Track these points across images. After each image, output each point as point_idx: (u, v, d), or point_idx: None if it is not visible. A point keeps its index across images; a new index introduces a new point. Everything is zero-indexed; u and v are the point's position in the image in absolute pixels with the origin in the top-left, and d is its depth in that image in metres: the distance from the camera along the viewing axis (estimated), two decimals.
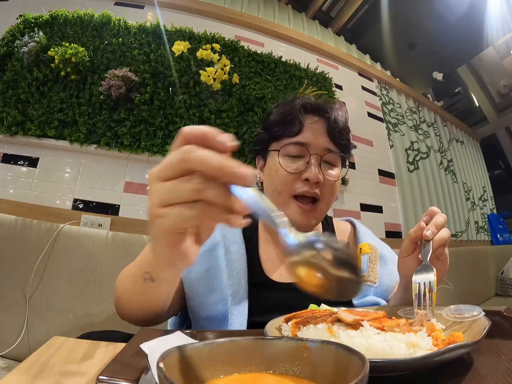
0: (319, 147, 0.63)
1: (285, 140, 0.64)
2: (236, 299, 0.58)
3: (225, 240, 0.64)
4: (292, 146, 0.63)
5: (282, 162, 0.63)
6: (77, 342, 0.39)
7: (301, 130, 0.64)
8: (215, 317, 0.59)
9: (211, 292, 0.59)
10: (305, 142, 0.63)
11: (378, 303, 0.62)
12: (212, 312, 0.59)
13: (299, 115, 0.65)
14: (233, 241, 0.65)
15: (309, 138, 0.63)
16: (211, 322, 0.59)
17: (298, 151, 0.63)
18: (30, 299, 1.07)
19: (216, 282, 0.60)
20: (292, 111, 0.65)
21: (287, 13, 2.35)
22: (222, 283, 0.59)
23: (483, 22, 2.50)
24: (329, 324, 0.35)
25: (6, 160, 1.30)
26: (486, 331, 0.31)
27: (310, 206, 0.62)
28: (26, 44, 1.37)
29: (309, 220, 0.63)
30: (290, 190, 0.62)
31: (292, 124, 0.64)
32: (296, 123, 0.64)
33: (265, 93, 1.59)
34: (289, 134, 0.64)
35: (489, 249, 2.69)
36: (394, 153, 2.26)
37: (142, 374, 0.27)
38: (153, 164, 1.40)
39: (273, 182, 0.64)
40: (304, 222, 0.62)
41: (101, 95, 1.34)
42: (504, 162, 3.54)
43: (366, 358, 0.20)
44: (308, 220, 0.62)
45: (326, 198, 0.63)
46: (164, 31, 1.56)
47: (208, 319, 0.59)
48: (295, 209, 0.62)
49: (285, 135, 0.65)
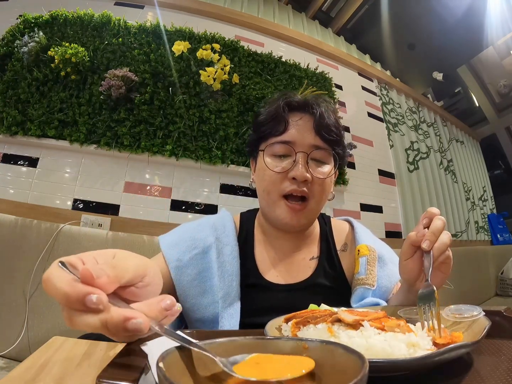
0: (305, 144, 0.62)
1: (272, 139, 0.64)
2: (227, 302, 0.58)
3: (217, 242, 0.63)
4: (277, 145, 0.62)
5: (269, 162, 0.62)
6: (77, 342, 0.39)
7: (286, 128, 0.63)
8: (206, 320, 0.59)
9: (202, 295, 0.59)
10: (290, 140, 0.62)
11: (378, 303, 0.61)
12: (203, 314, 0.59)
13: (283, 113, 0.63)
14: (227, 243, 0.64)
15: (294, 136, 0.62)
16: (202, 324, 0.60)
17: (284, 150, 0.62)
18: (30, 299, 1.07)
19: (208, 284, 0.60)
20: (277, 109, 0.64)
21: (287, 13, 2.35)
22: (213, 285, 0.59)
23: (483, 22, 2.50)
24: (329, 324, 0.35)
25: (6, 160, 1.30)
26: (486, 331, 0.31)
27: (299, 205, 0.61)
28: (26, 44, 1.37)
29: (299, 219, 0.62)
30: (279, 189, 0.61)
31: (277, 122, 0.63)
32: (281, 121, 0.63)
33: (265, 93, 1.59)
34: (275, 133, 0.63)
35: (489, 249, 2.69)
36: (394, 153, 2.26)
37: (142, 374, 0.27)
38: (153, 164, 1.41)
39: (262, 182, 0.63)
40: (294, 221, 0.61)
41: (101, 95, 1.34)
42: (504, 162, 3.54)
43: (365, 358, 0.20)
44: (298, 219, 0.61)
45: (316, 197, 0.62)
46: (164, 31, 1.56)
47: (199, 321, 0.60)
48: (284, 209, 0.61)
49: (271, 135, 0.64)
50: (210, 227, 0.66)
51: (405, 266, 0.50)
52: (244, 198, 1.53)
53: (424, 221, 0.47)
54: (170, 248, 0.63)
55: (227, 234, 0.66)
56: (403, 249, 0.50)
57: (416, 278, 0.49)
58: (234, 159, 1.48)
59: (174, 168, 1.45)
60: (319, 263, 0.67)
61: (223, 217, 0.70)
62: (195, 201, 1.45)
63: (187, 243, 0.63)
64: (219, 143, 1.46)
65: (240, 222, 0.72)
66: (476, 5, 2.36)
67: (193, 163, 1.43)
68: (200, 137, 1.45)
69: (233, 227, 0.68)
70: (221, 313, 0.57)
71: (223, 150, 1.46)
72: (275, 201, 0.62)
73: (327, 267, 0.68)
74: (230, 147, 1.47)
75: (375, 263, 0.65)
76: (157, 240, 1.19)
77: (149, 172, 1.42)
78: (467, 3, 2.35)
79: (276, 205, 0.62)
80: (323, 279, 0.66)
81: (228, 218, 0.70)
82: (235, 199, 1.52)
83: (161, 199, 1.41)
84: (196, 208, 1.45)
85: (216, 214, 0.73)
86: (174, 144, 1.39)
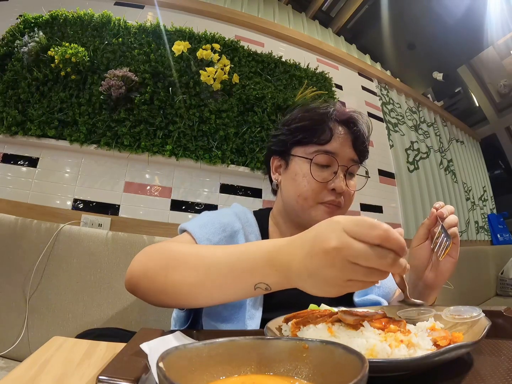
0: (346, 158, 0.66)
1: (313, 147, 0.65)
2: None
3: (244, 229, 0.65)
4: (321, 155, 0.65)
5: (313, 170, 0.65)
6: (77, 342, 0.39)
7: (331, 139, 0.65)
8: (232, 303, 0.58)
9: None
10: (334, 151, 0.65)
11: (379, 302, 0.62)
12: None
13: (330, 123, 0.66)
14: (251, 232, 0.67)
15: (337, 148, 0.65)
16: (225, 308, 0.58)
17: (327, 160, 0.65)
18: (30, 299, 1.07)
19: None
20: (324, 119, 0.66)
21: (287, 13, 2.35)
22: None
23: (483, 22, 2.50)
24: (329, 324, 0.35)
25: (6, 160, 1.30)
26: (486, 331, 0.31)
27: (335, 210, 0.65)
28: (26, 44, 1.36)
29: None
30: (317, 197, 0.64)
31: (323, 131, 0.65)
32: (326, 131, 0.65)
33: (265, 93, 1.59)
34: (318, 141, 0.65)
35: (489, 249, 2.68)
36: (394, 153, 2.26)
37: (142, 374, 0.27)
38: (153, 164, 1.41)
39: (299, 187, 0.65)
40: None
41: (101, 95, 1.34)
42: (504, 162, 3.54)
43: (365, 358, 0.20)
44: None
45: (346, 206, 0.68)
46: (164, 31, 1.56)
47: (224, 304, 0.58)
48: (322, 210, 0.65)
49: (313, 142, 0.66)
50: (234, 215, 0.68)
51: (416, 252, 0.55)
52: (244, 198, 1.53)
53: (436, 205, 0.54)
54: (199, 228, 0.62)
55: (250, 224, 0.68)
56: (417, 235, 0.56)
57: (425, 265, 0.54)
58: (234, 159, 1.48)
59: (174, 168, 1.45)
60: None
61: (244, 210, 0.72)
62: (195, 201, 1.45)
63: (216, 225, 0.63)
64: (219, 143, 1.46)
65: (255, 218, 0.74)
66: (476, 5, 2.36)
67: (193, 163, 1.43)
68: (200, 137, 1.45)
69: (254, 219, 0.70)
70: (249, 298, 0.57)
71: (223, 150, 1.46)
72: (311, 206, 0.65)
73: None
74: (230, 147, 1.47)
75: None
76: (157, 240, 1.20)
77: (149, 172, 1.42)
78: (467, 3, 2.35)
79: (313, 209, 0.65)
80: None
81: (248, 211, 0.72)
82: (235, 199, 1.52)
83: (161, 199, 1.41)
84: (196, 208, 1.45)
85: (234, 207, 0.74)
86: (174, 144, 1.39)
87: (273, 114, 1.56)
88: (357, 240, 0.32)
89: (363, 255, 0.31)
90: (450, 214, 0.52)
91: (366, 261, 0.31)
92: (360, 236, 0.32)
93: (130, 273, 0.50)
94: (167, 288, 0.46)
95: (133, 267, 0.50)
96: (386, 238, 0.31)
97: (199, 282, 0.43)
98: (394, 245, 0.32)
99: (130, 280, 0.50)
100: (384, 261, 0.31)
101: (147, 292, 0.49)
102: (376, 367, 0.25)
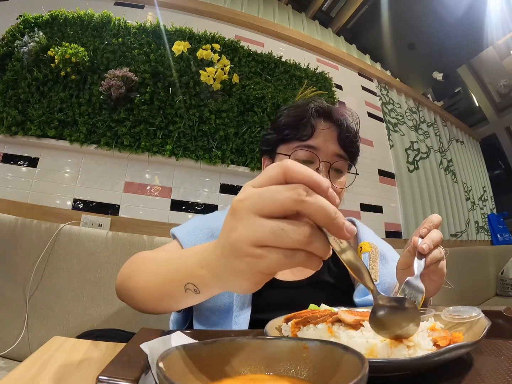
0: (329, 153, 0.64)
1: (295, 143, 0.64)
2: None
3: None
4: (302, 151, 0.63)
5: None
6: (77, 342, 0.39)
7: (313, 134, 0.64)
8: (219, 308, 0.58)
9: None
10: (315, 147, 0.63)
11: None
12: (216, 303, 0.59)
13: (311, 119, 0.65)
14: None
15: (320, 144, 0.63)
16: (213, 313, 0.59)
17: (308, 156, 0.63)
18: (30, 299, 1.06)
19: None
20: (305, 114, 0.65)
21: (287, 13, 2.35)
22: None
23: (483, 22, 2.50)
24: (329, 324, 0.35)
25: (6, 160, 1.30)
26: (486, 331, 0.31)
27: None
28: (26, 44, 1.36)
29: None
30: None
31: (304, 127, 0.64)
32: (308, 127, 0.64)
33: (265, 93, 1.59)
34: (300, 137, 0.64)
35: (489, 249, 2.68)
36: (394, 153, 2.26)
37: (142, 374, 0.27)
38: (153, 164, 1.41)
39: None
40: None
41: (101, 95, 1.34)
42: (504, 162, 3.54)
43: (365, 358, 0.20)
44: None
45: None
46: (164, 31, 1.56)
47: (211, 309, 0.59)
48: None
49: (295, 139, 0.65)
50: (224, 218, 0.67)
51: (402, 275, 0.50)
52: None
53: (423, 231, 0.46)
54: (186, 235, 0.63)
55: None
56: (401, 258, 0.50)
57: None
58: (234, 159, 1.48)
59: (174, 168, 1.45)
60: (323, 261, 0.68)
61: None
62: (195, 201, 1.45)
63: (204, 231, 0.64)
64: (219, 143, 1.46)
65: None
66: (476, 5, 2.36)
67: (193, 163, 1.43)
68: (200, 137, 1.45)
69: None
70: (236, 302, 0.57)
71: (223, 150, 1.46)
72: None
73: (331, 265, 0.70)
74: (230, 147, 1.47)
75: (377, 259, 0.66)
76: (157, 240, 1.20)
77: (149, 172, 1.42)
78: (467, 3, 2.35)
79: None
80: (328, 276, 0.68)
81: None
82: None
83: (161, 199, 1.41)
84: (196, 208, 1.45)
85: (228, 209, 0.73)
86: (174, 144, 1.39)
87: (273, 114, 1.56)
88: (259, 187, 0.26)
89: (267, 195, 0.24)
90: (436, 245, 0.45)
91: (273, 203, 0.24)
92: (260, 183, 0.26)
93: (116, 281, 0.54)
94: (131, 293, 0.48)
95: (118, 276, 0.54)
96: (286, 168, 0.24)
97: (150, 285, 0.44)
98: (300, 175, 0.24)
99: (116, 288, 0.55)
100: (293, 193, 0.23)
101: (124, 299, 0.53)
102: (376, 367, 0.25)
